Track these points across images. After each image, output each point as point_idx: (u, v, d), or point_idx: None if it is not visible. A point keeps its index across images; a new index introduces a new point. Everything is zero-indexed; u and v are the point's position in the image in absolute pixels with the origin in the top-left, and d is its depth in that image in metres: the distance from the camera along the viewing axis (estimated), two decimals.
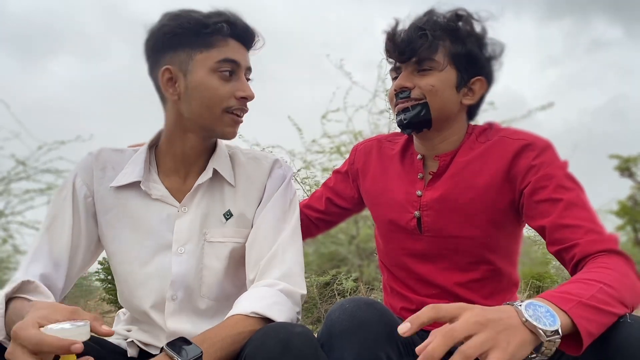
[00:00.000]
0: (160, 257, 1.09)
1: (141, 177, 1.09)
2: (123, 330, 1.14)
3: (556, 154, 1.09)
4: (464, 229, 1.14)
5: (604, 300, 0.80)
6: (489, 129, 1.18)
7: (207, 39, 1.03)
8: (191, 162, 1.12)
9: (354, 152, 1.38)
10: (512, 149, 1.10)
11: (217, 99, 1.04)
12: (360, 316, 0.91)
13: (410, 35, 1.11)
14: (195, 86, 1.04)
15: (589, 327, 0.76)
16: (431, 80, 1.12)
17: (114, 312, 4.13)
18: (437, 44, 1.10)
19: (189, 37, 1.03)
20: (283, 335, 0.83)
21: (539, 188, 1.05)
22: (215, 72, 1.04)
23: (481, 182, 1.12)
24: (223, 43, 1.04)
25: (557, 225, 1.00)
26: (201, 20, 1.03)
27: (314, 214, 1.39)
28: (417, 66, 1.12)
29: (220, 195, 1.13)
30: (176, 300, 1.08)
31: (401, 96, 1.14)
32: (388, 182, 1.26)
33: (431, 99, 1.12)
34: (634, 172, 6.53)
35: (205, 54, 1.03)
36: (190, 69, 1.04)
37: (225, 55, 1.04)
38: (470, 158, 1.15)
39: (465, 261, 1.16)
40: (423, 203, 1.17)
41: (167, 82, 1.05)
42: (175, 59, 1.04)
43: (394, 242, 1.24)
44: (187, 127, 1.09)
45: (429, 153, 1.20)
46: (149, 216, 1.10)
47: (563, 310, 0.75)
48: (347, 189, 1.37)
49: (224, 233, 1.11)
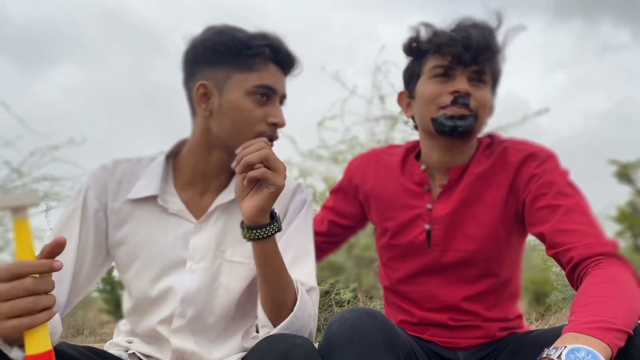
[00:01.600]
0: (174, 274, 1.07)
1: (158, 190, 1.07)
2: (124, 341, 1.12)
3: (558, 163, 1.10)
4: (474, 243, 1.14)
5: (630, 322, 0.82)
6: (492, 141, 1.19)
7: (247, 61, 1.02)
8: (212, 178, 1.10)
9: (349, 169, 1.35)
10: (515, 160, 1.11)
11: (250, 122, 1.03)
12: (361, 327, 0.90)
13: (479, 42, 1.07)
14: (229, 106, 1.03)
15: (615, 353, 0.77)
16: (485, 94, 1.12)
17: (112, 323, 4.11)
18: (495, 61, 1.12)
19: (230, 55, 1.02)
20: (284, 347, 0.83)
21: (540, 195, 1.06)
22: (251, 96, 1.03)
23: (489, 195, 1.13)
24: (263, 67, 1.03)
25: (556, 230, 1.01)
26: (245, 40, 1.02)
27: (319, 239, 1.32)
28: (475, 75, 1.10)
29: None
30: (185, 318, 1.06)
31: (461, 101, 1.10)
32: (391, 195, 1.24)
33: (481, 112, 1.12)
34: (632, 178, 6.54)
35: (245, 75, 1.02)
36: (227, 87, 1.03)
37: (264, 81, 1.03)
38: (479, 171, 1.15)
39: (472, 274, 1.16)
40: (434, 217, 1.17)
41: (201, 96, 1.04)
42: (213, 76, 1.03)
43: (399, 255, 1.22)
44: (213, 143, 1.07)
45: (439, 165, 1.18)
46: (164, 232, 1.08)
47: (605, 343, 0.76)
48: (349, 207, 1.34)
49: (245, 254, 1.08)
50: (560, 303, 4.17)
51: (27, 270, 0.70)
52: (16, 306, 0.69)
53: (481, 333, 1.16)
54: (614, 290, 0.87)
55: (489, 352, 1.15)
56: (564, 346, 0.76)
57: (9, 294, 0.69)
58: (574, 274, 0.98)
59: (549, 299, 4.21)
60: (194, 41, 1.05)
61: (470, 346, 1.16)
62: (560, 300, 4.18)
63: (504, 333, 1.17)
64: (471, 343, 1.16)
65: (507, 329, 1.18)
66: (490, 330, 1.16)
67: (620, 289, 0.87)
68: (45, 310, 0.71)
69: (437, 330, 1.18)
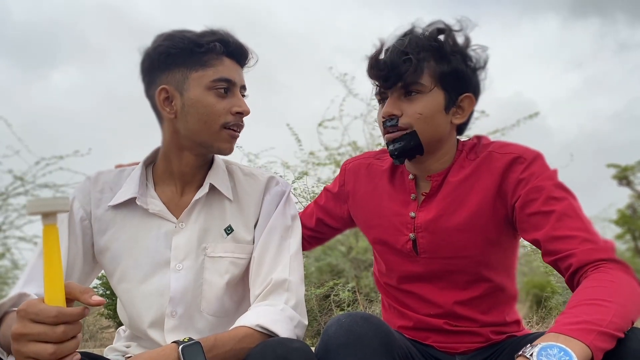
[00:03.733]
0: (159, 274, 1.09)
1: (137, 193, 1.10)
2: (122, 346, 1.14)
3: (545, 164, 1.08)
4: (460, 249, 1.13)
5: (618, 325, 0.81)
6: (477, 144, 1.17)
7: (201, 58, 1.05)
8: (188, 178, 1.13)
9: (343, 172, 1.34)
10: (500, 164, 1.09)
11: (214, 115, 1.06)
12: (357, 330, 0.91)
13: (393, 59, 1.07)
14: (191, 104, 1.06)
15: (600, 355, 0.77)
16: (418, 107, 1.08)
17: (112, 328, 4.11)
18: (422, 67, 1.07)
19: (183, 56, 1.05)
20: (281, 351, 0.84)
21: (529, 201, 1.05)
22: (211, 90, 1.06)
23: (474, 200, 1.11)
24: (217, 62, 1.06)
25: (551, 237, 1.00)
26: (195, 39, 1.04)
27: (305, 232, 1.34)
28: (403, 91, 1.09)
29: (220, 210, 1.14)
30: (176, 317, 1.08)
31: (389, 124, 1.11)
32: (379, 204, 1.23)
33: (419, 126, 1.08)
34: (631, 181, 6.54)
35: (201, 72, 1.05)
36: (186, 87, 1.05)
37: (221, 74, 1.06)
38: (461, 177, 1.13)
39: (463, 280, 1.15)
40: (417, 225, 1.16)
41: (163, 101, 1.07)
42: (171, 79, 1.06)
43: (390, 263, 1.22)
44: (183, 145, 1.10)
45: (421, 174, 1.18)
46: (146, 233, 1.11)
47: (584, 343, 0.76)
48: (337, 209, 1.34)
49: (225, 248, 1.12)
50: (561, 307, 4.16)
51: (65, 319, 0.70)
52: (39, 350, 0.70)
53: (479, 337, 1.16)
54: (606, 293, 0.86)
55: (487, 355, 1.14)
56: (539, 344, 0.77)
57: (41, 337, 0.70)
58: (574, 281, 0.98)
59: (550, 303, 4.20)
60: (147, 51, 1.08)
61: (469, 350, 1.16)
62: (561, 304, 4.17)
63: (502, 337, 1.17)
64: (469, 347, 1.16)
65: (505, 333, 1.18)
66: (488, 335, 1.16)
67: (613, 292, 0.87)
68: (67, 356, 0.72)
69: (435, 334, 1.17)
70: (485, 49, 1.13)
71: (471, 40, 1.12)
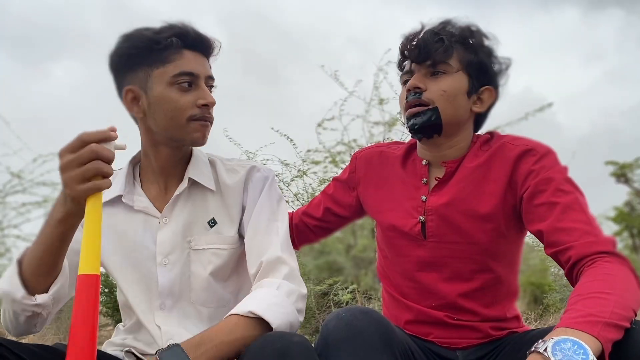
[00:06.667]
0: (147, 268, 1.12)
1: (123, 190, 1.13)
2: (119, 340, 1.15)
3: (556, 159, 1.11)
4: (468, 235, 1.14)
5: (621, 315, 0.82)
6: (490, 138, 1.20)
7: (161, 55, 1.06)
8: (169, 173, 1.15)
9: (354, 160, 1.37)
10: (513, 154, 1.12)
11: (179, 110, 1.06)
12: (357, 325, 0.91)
13: (426, 38, 1.13)
14: (156, 102, 1.07)
15: (609, 346, 0.78)
16: (444, 84, 1.13)
17: (111, 325, 4.10)
18: (452, 49, 1.13)
19: (143, 55, 1.06)
20: (280, 344, 0.84)
21: (538, 192, 1.06)
22: (173, 85, 1.06)
23: (486, 189, 1.13)
24: (178, 56, 1.07)
25: (554, 228, 1.01)
26: (152, 37, 1.05)
27: (312, 222, 1.39)
28: (431, 69, 1.14)
29: (203, 203, 1.15)
30: (165, 309, 1.11)
31: (412, 97, 1.15)
32: (391, 188, 1.26)
33: (442, 104, 1.13)
34: (629, 178, 6.56)
35: (162, 69, 1.06)
36: (150, 85, 1.07)
37: (181, 68, 1.06)
38: (475, 165, 1.16)
39: (467, 269, 1.16)
40: (428, 208, 1.18)
41: (131, 101, 1.09)
42: (135, 79, 1.07)
43: (397, 248, 1.24)
44: (158, 141, 1.12)
45: (435, 159, 1.21)
46: (132, 228, 1.13)
47: (593, 336, 0.77)
48: (346, 197, 1.36)
49: (208, 240, 1.13)
50: (559, 304, 4.17)
51: (91, 139, 0.84)
52: (88, 169, 0.83)
53: (479, 333, 1.16)
54: (603, 286, 0.87)
55: (488, 351, 1.15)
56: (551, 339, 0.78)
57: (81, 160, 0.83)
58: (572, 273, 0.99)
59: (547, 300, 4.21)
60: (110, 55, 1.09)
61: (470, 346, 1.16)
62: (558, 301, 4.18)
63: (502, 332, 1.17)
64: (470, 343, 1.16)
65: (506, 329, 1.18)
66: (488, 330, 1.17)
67: (610, 284, 0.88)
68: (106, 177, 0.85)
69: (435, 329, 1.18)
70: (509, 60, 1.20)
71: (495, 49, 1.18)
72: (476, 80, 1.15)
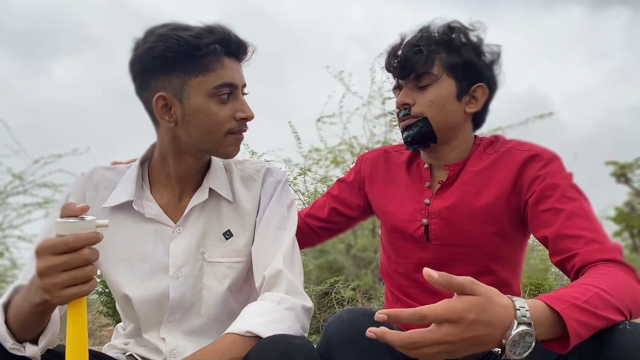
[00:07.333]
0: (157, 280, 1.06)
1: (133, 196, 1.06)
2: (121, 344, 1.13)
3: (562, 165, 1.10)
4: (471, 238, 1.14)
5: (598, 305, 0.80)
6: (495, 141, 1.20)
7: (200, 62, 0.98)
8: (186, 180, 1.10)
9: (359, 162, 1.38)
10: (519, 160, 1.11)
11: (218, 124, 1.01)
12: (359, 327, 0.90)
13: (406, 52, 1.14)
14: (193, 113, 1.00)
15: (579, 329, 0.76)
16: (430, 95, 1.14)
17: (111, 326, 4.10)
18: (433, 58, 1.13)
19: (181, 61, 0.97)
20: (283, 347, 0.83)
21: (544, 198, 1.06)
22: (213, 97, 1.00)
23: (489, 192, 1.13)
24: (218, 65, 0.99)
25: (560, 235, 1.00)
26: (192, 42, 0.96)
27: (316, 223, 1.38)
28: (416, 82, 1.15)
29: (218, 213, 1.11)
30: (173, 322, 1.07)
31: (403, 113, 1.17)
32: (395, 191, 1.26)
33: (431, 114, 1.14)
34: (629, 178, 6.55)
35: (201, 78, 0.98)
36: (186, 95, 0.99)
37: (222, 79, 1.00)
38: (479, 168, 1.16)
39: (470, 271, 1.15)
40: (431, 211, 1.18)
41: (162, 108, 1.01)
42: (168, 85, 0.99)
43: (400, 250, 1.24)
44: (184, 150, 1.06)
45: (437, 163, 1.21)
46: (143, 237, 1.07)
47: (556, 310, 0.76)
48: (353, 197, 1.37)
49: (223, 253, 1.09)
50: None
51: (81, 244, 0.73)
52: (77, 275, 0.73)
53: None
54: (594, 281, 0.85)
55: (490, 351, 1.14)
56: None
57: (68, 266, 0.73)
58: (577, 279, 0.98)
59: None
60: (138, 50, 0.99)
61: None
62: None
63: None
64: None
65: None
66: None
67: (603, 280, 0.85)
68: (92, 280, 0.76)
69: None
70: (499, 46, 1.18)
71: (484, 39, 1.17)
72: (464, 81, 1.14)
